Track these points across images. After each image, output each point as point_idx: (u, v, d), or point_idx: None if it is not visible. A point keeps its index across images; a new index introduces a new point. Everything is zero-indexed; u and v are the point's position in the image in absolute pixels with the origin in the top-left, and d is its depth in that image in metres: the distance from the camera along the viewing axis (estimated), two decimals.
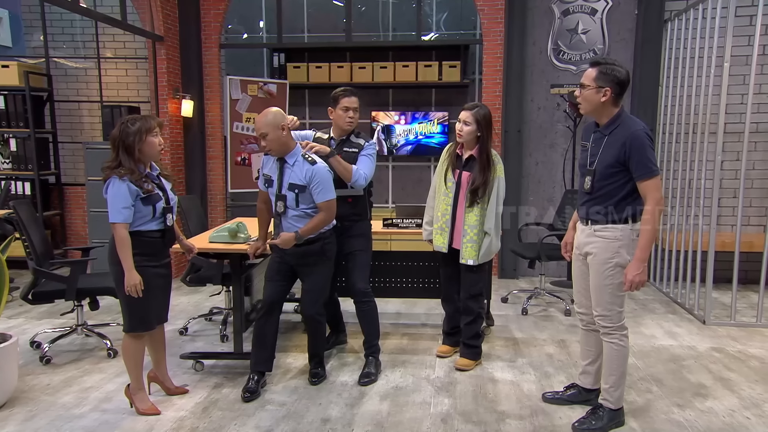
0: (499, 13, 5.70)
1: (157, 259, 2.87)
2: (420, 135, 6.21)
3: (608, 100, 2.64)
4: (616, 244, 2.66)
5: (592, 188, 2.69)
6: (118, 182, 2.68)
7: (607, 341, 2.78)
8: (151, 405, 2.96)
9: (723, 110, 4.25)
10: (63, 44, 6.52)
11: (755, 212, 5.66)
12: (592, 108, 2.69)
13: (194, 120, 5.99)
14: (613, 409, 2.82)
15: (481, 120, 3.33)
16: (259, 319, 3.20)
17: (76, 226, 6.52)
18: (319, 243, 3.14)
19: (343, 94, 3.37)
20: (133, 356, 2.92)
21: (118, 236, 2.70)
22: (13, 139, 5.99)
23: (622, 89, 2.65)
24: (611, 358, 2.78)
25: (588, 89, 2.65)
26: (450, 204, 3.44)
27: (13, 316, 4.59)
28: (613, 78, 2.62)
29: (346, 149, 3.40)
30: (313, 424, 2.86)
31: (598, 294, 2.74)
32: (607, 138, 2.67)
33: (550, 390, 3.20)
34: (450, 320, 3.75)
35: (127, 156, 2.73)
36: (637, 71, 5.59)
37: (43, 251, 3.70)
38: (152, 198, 2.77)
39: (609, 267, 2.68)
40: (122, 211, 2.68)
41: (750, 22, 5.29)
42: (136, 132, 2.73)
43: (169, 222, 2.87)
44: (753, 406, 3.08)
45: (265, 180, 3.16)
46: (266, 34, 6.68)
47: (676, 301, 5.03)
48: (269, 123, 2.98)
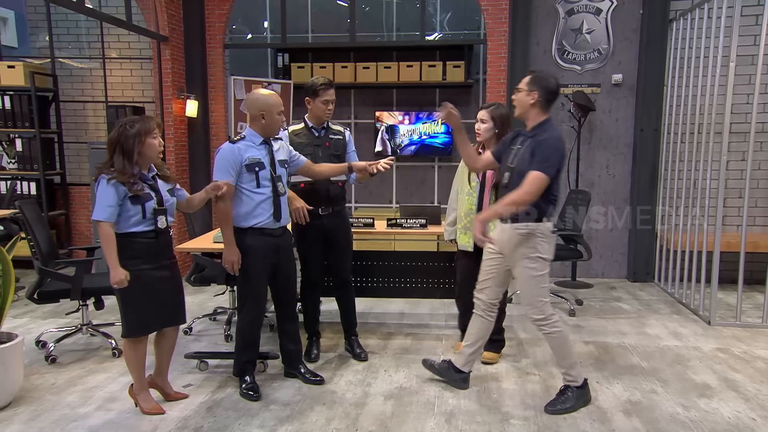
0: (503, 13, 5.69)
1: (154, 261, 2.82)
2: (424, 135, 6.21)
3: (536, 103, 2.86)
4: (534, 240, 2.89)
5: (509, 183, 2.92)
6: (104, 182, 2.67)
7: (545, 334, 3.00)
8: (156, 404, 2.96)
9: (728, 110, 4.23)
10: (68, 45, 6.55)
11: (761, 212, 5.64)
12: (523, 110, 2.93)
13: (198, 120, 6.00)
14: (578, 386, 3.02)
15: (497, 118, 3.42)
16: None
17: (81, 226, 6.54)
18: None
19: (323, 87, 3.42)
20: (133, 360, 2.89)
21: (101, 233, 2.68)
22: (19, 139, 6.02)
23: (549, 96, 2.88)
24: (555, 347, 3.02)
25: (521, 92, 2.92)
26: (475, 203, 3.50)
27: (19, 315, 4.61)
28: (542, 84, 2.86)
29: (331, 136, 3.57)
30: (317, 423, 2.86)
31: (523, 288, 2.99)
32: (530, 140, 2.89)
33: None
34: (464, 317, 3.77)
35: (123, 158, 2.70)
36: (641, 71, 5.58)
37: (48, 251, 3.71)
38: (141, 198, 2.72)
39: (530, 260, 2.90)
40: (105, 209, 2.66)
41: (756, 22, 5.27)
42: (135, 135, 2.70)
43: (161, 224, 2.81)
44: (758, 407, 3.06)
45: (254, 165, 2.99)
46: (270, 34, 6.69)
47: (680, 302, 5.01)
48: (273, 103, 3.03)
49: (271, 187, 3.04)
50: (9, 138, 6.06)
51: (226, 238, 2.98)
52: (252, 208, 3.01)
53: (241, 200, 3.02)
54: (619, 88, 5.72)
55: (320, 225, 3.50)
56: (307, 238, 3.54)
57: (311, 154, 3.45)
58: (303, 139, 3.50)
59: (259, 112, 3.00)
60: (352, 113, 6.46)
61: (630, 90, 5.71)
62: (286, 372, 3.41)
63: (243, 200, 3.02)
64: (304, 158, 3.31)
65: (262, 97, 3.02)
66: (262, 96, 3.03)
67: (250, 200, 3.01)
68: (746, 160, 4.35)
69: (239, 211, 3.02)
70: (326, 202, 3.50)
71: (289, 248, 3.26)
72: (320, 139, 3.51)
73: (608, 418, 2.93)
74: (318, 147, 3.50)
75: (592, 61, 5.71)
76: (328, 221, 3.52)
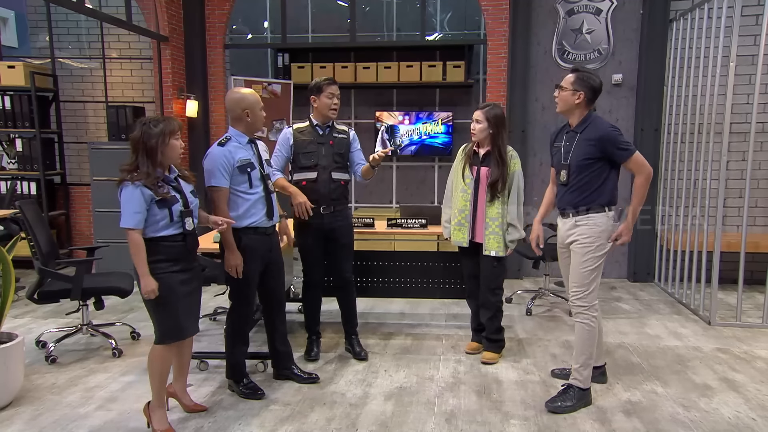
0: (503, 13, 5.70)
1: (182, 264, 2.69)
2: (424, 135, 6.21)
3: (581, 102, 2.96)
4: (598, 230, 2.97)
5: (569, 180, 3.01)
6: (131, 187, 2.55)
7: (579, 321, 3.03)
8: (169, 426, 2.76)
9: (729, 110, 4.23)
10: (68, 45, 6.55)
11: (761, 212, 5.64)
12: (567, 108, 3.01)
13: (199, 120, 6.01)
14: (582, 388, 3.04)
15: (491, 118, 3.47)
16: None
17: (82, 226, 6.54)
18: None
19: (327, 83, 3.48)
20: (160, 369, 2.72)
21: (130, 241, 2.56)
22: (19, 139, 6.02)
23: (595, 95, 2.98)
24: (581, 338, 3.02)
25: (565, 91, 2.99)
26: (469, 199, 3.55)
27: (19, 315, 4.61)
28: (588, 85, 2.95)
29: (336, 135, 3.58)
30: (317, 423, 2.86)
31: (577, 275, 3.01)
32: (579, 135, 2.98)
33: (558, 367, 3.48)
34: (477, 317, 3.79)
35: (147, 159, 2.58)
36: (642, 71, 5.58)
37: (48, 251, 3.71)
38: (168, 201, 2.61)
39: (591, 249, 2.97)
40: (134, 216, 2.54)
41: (756, 22, 5.27)
42: (159, 134, 2.58)
43: (189, 226, 2.69)
44: (759, 408, 3.06)
45: (245, 165, 2.97)
46: (270, 34, 6.70)
47: (681, 302, 5.01)
48: (255, 100, 3.04)
49: (263, 186, 3.05)
50: (9, 138, 6.07)
51: (227, 244, 2.96)
52: (247, 209, 3.00)
53: (237, 202, 3.00)
54: (619, 88, 5.72)
55: (321, 224, 3.50)
56: (309, 237, 3.54)
57: (314, 152, 3.48)
58: (307, 136, 3.51)
59: (243, 111, 2.98)
60: (353, 113, 6.46)
61: (630, 90, 5.70)
62: (277, 374, 3.38)
63: (238, 202, 3.00)
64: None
65: (244, 96, 3.01)
66: (244, 94, 3.02)
67: (245, 201, 3.00)
68: (746, 160, 4.35)
69: (235, 212, 3.00)
70: (328, 201, 3.50)
71: (279, 247, 3.26)
72: (324, 137, 3.53)
73: (608, 418, 2.93)
74: (321, 145, 3.51)
75: (593, 61, 5.71)
76: (329, 220, 3.52)
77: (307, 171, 3.50)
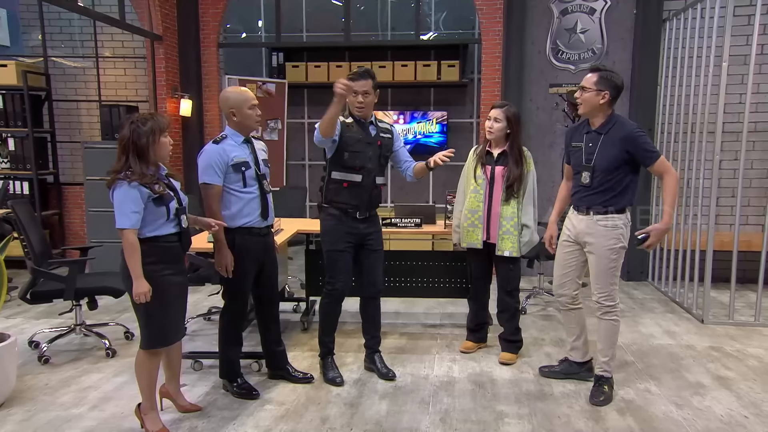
0: (497, 13, 5.71)
1: (176, 266, 2.66)
2: (419, 134, 6.21)
3: (606, 102, 2.93)
4: (618, 231, 2.99)
5: (592, 182, 2.98)
6: (126, 186, 2.46)
7: (607, 320, 3.10)
8: (163, 427, 2.72)
9: (721, 110, 4.25)
10: (61, 43, 6.52)
11: (753, 211, 5.67)
12: (591, 109, 2.97)
13: (193, 119, 5.99)
14: (610, 377, 3.16)
15: (511, 117, 3.46)
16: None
17: (75, 226, 6.51)
18: None
19: (352, 78, 3.14)
20: (148, 374, 2.67)
21: (126, 242, 2.47)
22: (12, 139, 5.98)
23: (618, 94, 2.96)
24: (610, 334, 3.11)
25: (589, 92, 2.93)
26: (482, 200, 3.52)
27: (12, 315, 4.59)
28: (612, 83, 2.92)
29: (382, 135, 3.33)
30: (312, 423, 2.86)
31: (602, 277, 3.04)
32: (604, 137, 2.96)
33: (546, 365, 3.50)
34: (475, 317, 3.79)
35: (137, 158, 2.50)
36: (635, 71, 5.60)
37: (41, 251, 3.69)
38: (164, 198, 2.55)
39: (614, 251, 3.00)
40: (130, 216, 2.46)
41: (748, 22, 5.29)
42: (149, 132, 2.51)
43: (184, 224, 2.67)
44: (751, 405, 3.08)
45: (240, 164, 2.93)
46: (265, 33, 6.69)
47: (674, 300, 5.04)
48: (242, 99, 2.97)
49: (258, 186, 3.02)
50: (1, 137, 6.03)
51: (218, 243, 2.94)
52: (240, 208, 2.98)
53: (230, 201, 2.97)
54: None
55: (357, 230, 3.26)
56: (341, 243, 3.24)
57: (362, 152, 3.20)
58: (355, 133, 3.23)
59: (229, 110, 2.97)
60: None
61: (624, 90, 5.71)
62: (272, 374, 3.37)
63: (232, 201, 2.97)
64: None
65: (230, 95, 3.00)
66: (231, 93, 3.02)
67: (238, 200, 2.97)
68: (739, 159, 4.37)
69: (228, 211, 2.97)
70: (367, 205, 3.26)
71: (273, 248, 3.23)
72: (372, 137, 3.27)
73: (602, 416, 2.94)
74: (369, 145, 3.24)
75: (587, 61, 5.73)
76: (365, 226, 3.29)
77: (352, 172, 3.20)
